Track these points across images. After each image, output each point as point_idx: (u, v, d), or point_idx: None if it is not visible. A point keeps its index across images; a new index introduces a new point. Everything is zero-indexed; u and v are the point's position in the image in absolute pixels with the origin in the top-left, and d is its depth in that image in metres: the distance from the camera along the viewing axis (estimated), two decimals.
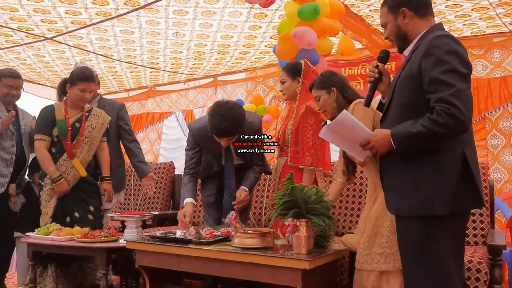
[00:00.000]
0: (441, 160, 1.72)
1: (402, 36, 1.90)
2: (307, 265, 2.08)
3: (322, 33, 3.57)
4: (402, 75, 1.84)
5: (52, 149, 3.29)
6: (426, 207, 1.71)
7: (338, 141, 2.03)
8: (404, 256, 1.84)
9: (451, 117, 1.62)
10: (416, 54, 1.80)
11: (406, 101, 1.80)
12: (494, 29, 4.96)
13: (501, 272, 2.59)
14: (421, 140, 1.70)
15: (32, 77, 6.78)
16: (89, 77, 3.31)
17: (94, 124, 3.39)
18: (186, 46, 5.43)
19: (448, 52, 1.69)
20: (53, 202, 3.25)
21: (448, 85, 1.64)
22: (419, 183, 1.74)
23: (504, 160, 4.93)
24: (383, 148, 1.82)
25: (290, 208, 2.26)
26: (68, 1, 4.15)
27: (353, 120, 1.92)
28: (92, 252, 2.99)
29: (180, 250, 2.46)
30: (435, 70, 1.68)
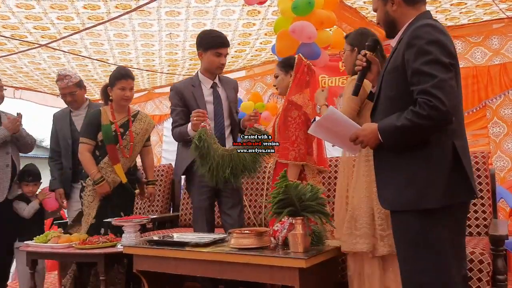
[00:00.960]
0: (431, 153, 1.69)
1: (390, 23, 1.88)
2: (304, 263, 2.05)
3: (320, 25, 3.50)
4: (388, 67, 1.81)
5: (95, 152, 3.29)
6: (419, 201, 1.69)
7: (328, 137, 2.02)
8: (400, 251, 1.81)
9: (433, 109, 1.59)
10: (401, 45, 1.77)
11: (393, 94, 1.78)
12: (491, 15, 4.89)
13: (505, 262, 2.54)
14: (406, 134, 1.68)
15: (30, 85, 6.78)
16: (126, 74, 3.30)
17: (138, 129, 3.39)
18: (181, 47, 5.41)
19: (430, 42, 1.65)
20: (96, 203, 3.26)
21: (430, 76, 1.61)
22: (411, 178, 1.71)
23: (506, 148, 4.87)
24: (372, 143, 1.81)
25: (285, 206, 2.22)
26: (59, 7, 4.12)
27: (341, 116, 1.91)
28: (90, 258, 2.97)
29: (177, 253, 2.44)
30: (417, 61, 1.65)
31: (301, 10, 3.41)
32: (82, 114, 3.63)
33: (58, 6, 4.11)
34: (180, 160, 3.09)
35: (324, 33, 3.61)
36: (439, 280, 1.69)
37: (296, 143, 2.76)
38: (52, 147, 3.71)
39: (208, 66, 3.03)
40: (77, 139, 3.46)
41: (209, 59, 3.00)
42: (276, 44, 3.59)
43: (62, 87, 3.58)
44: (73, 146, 3.54)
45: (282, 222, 2.36)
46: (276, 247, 2.33)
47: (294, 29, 3.33)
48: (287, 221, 2.32)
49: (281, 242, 2.35)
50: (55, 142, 3.69)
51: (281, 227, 2.37)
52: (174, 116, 3.04)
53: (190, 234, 2.83)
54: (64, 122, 3.64)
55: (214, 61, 3.00)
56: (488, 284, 2.45)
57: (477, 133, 4.89)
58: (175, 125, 3.02)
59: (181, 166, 3.05)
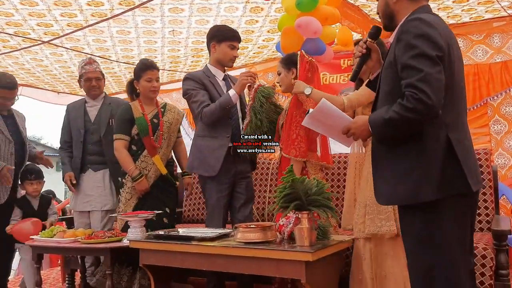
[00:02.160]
0: (425, 146, 1.69)
1: (389, 15, 1.88)
2: (310, 257, 2.07)
3: (325, 21, 3.51)
4: (386, 62, 1.83)
5: (132, 147, 3.26)
6: (414, 196, 1.68)
7: (322, 129, 2.08)
8: (407, 246, 1.81)
9: (418, 102, 1.60)
10: (395, 39, 1.79)
11: (389, 89, 1.79)
12: (493, 13, 4.91)
13: (507, 257, 2.57)
14: (394, 126, 1.69)
15: (31, 81, 6.78)
16: (151, 65, 3.29)
17: (170, 119, 3.38)
18: (184, 44, 5.42)
19: (417, 36, 1.66)
20: (133, 201, 3.23)
21: (417, 70, 1.61)
22: (406, 172, 1.71)
23: (507, 145, 4.90)
24: (363, 135, 1.84)
25: (291, 200, 2.24)
26: (63, 3, 4.14)
27: (332, 108, 1.94)
28: (96, 252, 3.00)
29: (183, 247, 2.46)
30: (404, 55, 1.66)
31: (305, 6, 3.42)
32: (97, 105, 3.61)
33: (62, 3, 4.12)
34: (209, 153, 2.97)
35: (329, 29, 3.61)
36: (447, 275, 1.68)
37: (296, 140, 2.79)
38: (64, 139, 3.65)
39: (221, 58, 3.05)
40: (89, 130, 3.45)
41: (223, 50, 3.03)
42: (281, 40, 3.60)
43: (91, 71, 3.55)
44: (85, 136, 3.52)
45: (287, 217, 2.39)
46: (282, 241, 2.35)
47: (300, 24, 3.33)
48: (292, 215, 2.34)
49: (286, 236, 2.37)
50: (67, 133, 3.63)
51: (287, 221, 2.39)
52: (201, 97, 2.94)
53: (195, 229, 2.86)
54: (78, 112, 3.60)
55: (228, 53, 3.03)
56: (491, 279, 2.48)
57: (478, 131, 4.92)
58: (204, 104, 2.92)
59: (215, 161, 2.94)
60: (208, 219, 3.07)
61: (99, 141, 3.52)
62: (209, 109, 2.90)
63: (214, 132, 2.97)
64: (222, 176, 2.97)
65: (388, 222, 2.42)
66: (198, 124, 3.06)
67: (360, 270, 2.52)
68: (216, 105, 2.89)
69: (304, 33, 3.35)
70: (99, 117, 3.56)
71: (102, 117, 3.56)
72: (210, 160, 2.96)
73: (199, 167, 3.01)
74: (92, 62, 3.62)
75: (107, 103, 3.63)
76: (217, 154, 2.94)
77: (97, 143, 3.52)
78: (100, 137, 3.52)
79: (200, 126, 3.04)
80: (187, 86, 3.01)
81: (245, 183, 3.10)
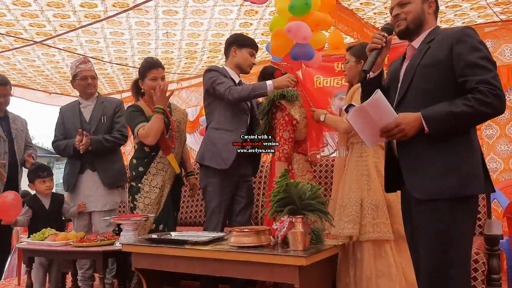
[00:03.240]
0: (472, 143, 1.79)
1: (420, 22, 1.92)
2: (304, 261, 2.06)
3: (316, 26, 3.53)
4: (425, 62, 1.83)
5: (145, 149, 3.11)
6: (463, 188, 1.73)
7: (360, 125, 1.89)
8: (427, 243, 1.80)
9: (496, 97, 1.69)
10: (439, 43, 1.83)
11: (430, 87, 1.81)
12: (485, 19, 4.96)
13: (499, 262, 2.58)
14: (463, 120, 1.73)
15: (23, 82, 6.74)
16: (156, 64, 3.18)
17: (179, 118, 3.33)
18: (177, 46, 5.41)
19: (480, 42, 1.78)
20: (154, 207, 3.06)
21: (488, 70, 1.72)
22: (454, 164, 1.75)
23: (499, 150, 4.94)
24: (413, 131, 1.78)
25: (285, 204, 2.24)
26: (56, 4, 4.11)
27: (386, 102, 1.79)
28: (88, 256, 2.97)
29: (176, 251, 2.44)
30: (472, 55, 1.74)
31: (298, 10, 3.43)
32: (91, 105, 3.56)
33: (55, 4, 4.10)
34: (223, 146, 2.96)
35: (319, 35, 3.63)
36: (463, 272, 1.75)
37: (280, 143, 2.85)
38: (58, 137, 3.58)
39: (241, 62, 3.10)
40: (85, 130, 3.39)
41: (244, 56, 3.09)
42: (271, 42, 3.60)
43: (86, 70, 3.52)
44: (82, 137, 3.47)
45: (281, 221, 2.38)
46: (276, 245, 2.35)
47: (290, 28, 3.34)
48: (286, 219, 2.34)
49: (280, 240, 2.36)
50: (60, 133, 3.57)
51: (281, 225, 2.38)
52: (227, 80, 2.97)
53: (188, 232, 2.84)
54: (73, 113, 3.56)
55: (248, 58, 3.09)
56: (483, 283, 2.50)
57: None
58: (231, 84, 2.95)
59: (229, 154, 2.93)
60: (207, 221, 3.05)
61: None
62: (240, 87, 2.96)
63: (230, 126, 2.99)
64: (226, 179, 2.97)
65: (349, 225, 2.48)
66: (213, 116, 3.06)
67: (346, 273, 2.54)
68: (249, 86, 2.93)
69: (294, 38, 3.36)
70: (93, 117, 3.54)
71: (96, 116, 3.54)
72: (223, 153, 2.95)
73: (211, 160, 2.99)
74: (87, 61, 3.60)
75: (100, 102, 3.60)
76: (231, 148, 2.95)
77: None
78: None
79: (216, 118, 3.04)
80: (212, 74, 3.02)
81: (246, 186, 3.11)
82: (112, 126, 3.53)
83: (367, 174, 2.53)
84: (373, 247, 2.48)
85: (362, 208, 2.51)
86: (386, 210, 2.48)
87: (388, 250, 2.47)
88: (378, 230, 2.45)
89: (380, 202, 2.48)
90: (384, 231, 2.46)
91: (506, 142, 4.92)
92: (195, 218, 4.16)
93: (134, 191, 3.10)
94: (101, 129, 3.47)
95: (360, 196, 2.52)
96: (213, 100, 3.06)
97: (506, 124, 4.94)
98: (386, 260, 2.45)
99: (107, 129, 3.51)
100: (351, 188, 2.56)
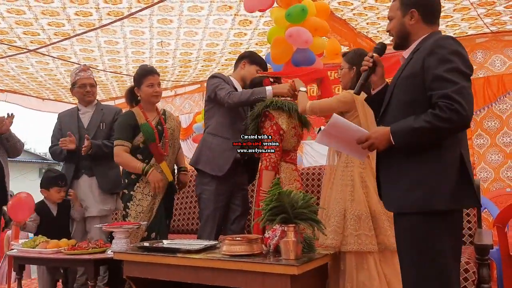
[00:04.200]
0: (444, 157, 1.75)
1: (404, 35, 1.94)
2: (296, 270, 2.07)
3: (314, 31, 3.55)
4: (404, 74, 1.86)
5: (138, 157, 3.10)
6: (428, 202, 1.73)
7: (335, 144, 2.04)
8: (403, 255, 1.84)
9: (453, 112, 1.65)
10: (418, 54, 1.84)
11: (408, 99, 1.83)
12: (476, 30, 5.03)
13: (489, 271, 2.60)
14: (423, 135, 1.73)
15: (16, 88, 6.72)
16: (151, 70, 3.22)
17: (173, 126, 3.32)
18: (172, 55, 5.43)
19: (452, 52, 1.74)
20: (146, 215, 3.06)
21: (452, 83, 1.68)
22: (422, 178, 1.75)
23: (490, 159, 4.99)
24: (383, 145, 1.83)
25: (278, 213, 2.25)
26: (51, 13, 4.13)
27: (346, 122, 1.93)
28: (79, 264, 2.96)
29: (168, 260, 2.44)
30: (439, 68, 1.72)
31: (295, 17, 3.45)
32: (90, 112, 3.58)
33: (50, 12, 4.12)
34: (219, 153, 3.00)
35: (319, 40, 3.64)
36: (443, 286, 1.73)
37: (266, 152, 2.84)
38: (53, 141, 3.59)
39: (246, 76, 3.14)
40: (83, 137, 3.39)
41: (251, 71, 3.13)
42: (271, 51, 3.62)
43: (86, 77, 3.55)
44: (80, 143, 3.45)
45: (273, 229, 2.39)
46: (268, 254, 2.35)
47: (291, 33, 3.35)
48: (278, 228, 2.34)
49: (272, 249, 2.37)
50: (57, 138, 3.55)
51: (273, 234, 2.39)
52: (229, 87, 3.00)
53: (180, 241, 2.84)
54: (72, 119, 3.57)
55: (254, 74, 3.12)
56: None
57: None
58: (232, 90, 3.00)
59: (224, 161, 2.98)
60: (201, 229, 3.05)
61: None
62: (239, 92, 2.99)
63: (227, 133, 3.02)
64: (221, 187, 2.99)
65: (331, 235, 2.47)
66: (212, 122, 3.08)
67: (336, 283, 2.53)
68: (249, 91, 2.94)
69: (295, 43, 3.38)
70: (92, 123, 3.55)
71: (95, 123, 3.55)
72: (219, 160, 2.98)
73: (206, 165, 3.02)
74: (86, 69, 3.63)
75: (99, 109, 3.62)
76: (227, 155, 2.98)
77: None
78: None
79: (214, 124, 3.06)
80: (216, 80, 3.05)
81: (241, 195, 3.13)
82: (111, 133, 3.54)
83: (352, 185, 2.53)
84: (355, 259, 2.45)
85: (345, 219, 2.49)
86: (369, 222, 2.47)
87: (371, 262, 2.44)
88: (360, 241, 2.43)
89: (363, 213, 2.47)
90: (366, 243, 2.43)
91: (497, 152, 4.98)
92: (187, 225, 4.15)
93: (126, 198, 3.10)
94: (100, 135, 3.49)
95: (344, 206, 2.51)
96: (213, 106, 3.09)
97: (497, 133, 5.00)
98: (369, 272, 2.42)
99: (105, 136, 3.52)
100: (336, 198, 2.57)
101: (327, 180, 2.78)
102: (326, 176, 2.83)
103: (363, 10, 4.46)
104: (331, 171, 2.74)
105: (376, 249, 2.46)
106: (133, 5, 4.07)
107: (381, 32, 4.99)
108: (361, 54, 2.65)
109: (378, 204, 2.44)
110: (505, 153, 4.95)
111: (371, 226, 2.47)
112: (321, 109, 2.67)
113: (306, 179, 3.76)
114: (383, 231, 2.45)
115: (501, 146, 4.97)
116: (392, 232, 2.28)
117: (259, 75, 3.11)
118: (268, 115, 2.89)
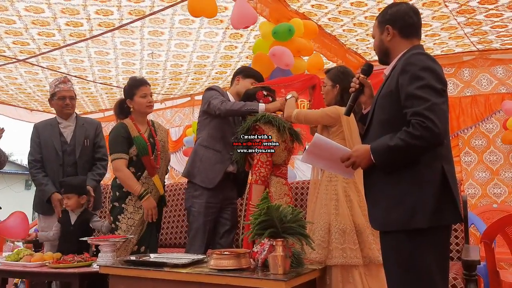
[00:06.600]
0: (422, 174, 1.74)
1: (384, 51, 1.97)
2: (284, 285, 2.05)
3: (297, 52, 3.62)
4: (382, 93, 1.88)
5: (130, 169, 3.06)
6: (408, 221, 1.73)
7: (321, 164, 2.08)
8: (389, 273, 1.84)
9: (425, 130, 1.66)
10: (394, 72, 1.85)
11: (386, 117, 1.84)
12: (463, 48, 5.12)
13: (477, 287, 2.60)
14: (398, 153, 1.73)
15: (3, 99, 6.66)
16: (143, 81, 3.22)
17: (163, 138, 3.30)
18: (162, 66, 5.43)
19: (423, 68, 1.74)
20: (138, 228, 3.04)
21: (423, 100, 1.68)
22: (401, 197, 1.75)
23: (477, 176, 5.04)
24: (364, 163, 1.85)
25: (266, 228, 2.23)
26: (41, 22, 4.11)
27: (327, 141, 1.96)
28: (64, 277, 2.90)
29: (155, 274, 2.40)
30: (410, 85, 1.73)
31: (281, 35, 3.51)
32: (71, 125, 3.50)
33: (40, 22, 4.10)
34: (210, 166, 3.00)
35: (300, 61, 3.71)
36: None
37: (257, 166, 2.84)
38: (34, 158, 3.45)
39: (241, 90, 3.13)
40: (66, 151, 3.35)
41: (246, 85, 3.12)
42: (252, 65, 3.66)
43: (66, 90, 3.47)
44: (63, 158, 3.40)
45: (262, 244, 2.37)
46: (256, 268, 2.33)
47: (275, 53, 3.40)
48: (267, 242, 2.33)
49: (260, 264, 2.35)
50: (37, 153, 3.45)
51: (261, 248, 2.37)
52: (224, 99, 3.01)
53: (168, 254, 2.80)
54: (53, 132, 3.46)
55: (248, 88, 3.12)
56: None
57: None
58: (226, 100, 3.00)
59: (215, 174, 2.99)
60: (190, 242, 3.03)
61: (75, 163, 3.44)
62: (232, 102, 2.99)
63: (218, 146, 3.02)
64: (211, 200, 2.99)
65: (316, 249, 2.47)
66: (203, 134, 3.08)
67: None
68: (241, 103, 2.94)
69: (277, 63, 3.43)
70: (75, 138, 3.49)
71: (78, 138, 3.48)
72: (209, 173, 2.99)
73: (197, 176, 3.02)
74: (67, 81, 3.55)
75: (80, 123, 3.54)
76: (218, 168, 2.99)
77: (74, 165, 3.42)
78: (75, 158, 3.44)
79: (205, 137, 3.06)
80: (212, 92, 3.06)
81: (230, 209, 3.12)
82: (94, 149, 3.51)
83: (336, 199, 2.54)
84: (341, 272, 2.46)
85: (330, 233, 2.51)
86: (354, 235, 2.48)
87: (356, 276, 2.44)
88: (345, 255, 2.44)
89: (348, 227, 2.48)
90: (351, 256, 2.44)
91: (484, 169, 5.03)
92: (175, 239, 4.11)
93: (117, 211, 3.05)
94: (85, 153, 3.43)
95: (328, 220, 2.52)
96: (206, 118, 3.09)
97: (484, 152, 5.06)
98: (354, 285, 2.43)
99: (90, 152, 3.49)
100: (320, 212, 2.58)
101: (312, 194, 2.79)
102: (311, 191, 2.85)
103: (353, 27, 4.52)
104: (316, 186, 2.75)
105: (361, 263, 2.47)
106: (124, 17, 4.08)
107: (370, 49, 5.05)
108: (343, 72, 2.71)
109: (362, 218, 2.47)
110: (492, 171, 5.01)
111: (356, 240, 2.48)
112: (306, 119, 2.70)
113: (295, 193, 3.75)
114: (368, 245, 2.46)
115: (488, 164, 5.03)
116: (377, 246, 2.29)
117: (253, 87, 3.12)
118: (258, 129, 2.89)
